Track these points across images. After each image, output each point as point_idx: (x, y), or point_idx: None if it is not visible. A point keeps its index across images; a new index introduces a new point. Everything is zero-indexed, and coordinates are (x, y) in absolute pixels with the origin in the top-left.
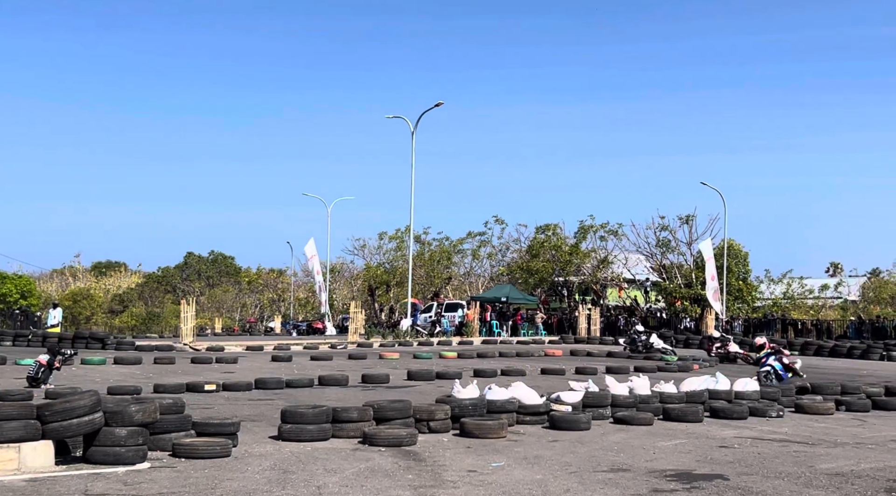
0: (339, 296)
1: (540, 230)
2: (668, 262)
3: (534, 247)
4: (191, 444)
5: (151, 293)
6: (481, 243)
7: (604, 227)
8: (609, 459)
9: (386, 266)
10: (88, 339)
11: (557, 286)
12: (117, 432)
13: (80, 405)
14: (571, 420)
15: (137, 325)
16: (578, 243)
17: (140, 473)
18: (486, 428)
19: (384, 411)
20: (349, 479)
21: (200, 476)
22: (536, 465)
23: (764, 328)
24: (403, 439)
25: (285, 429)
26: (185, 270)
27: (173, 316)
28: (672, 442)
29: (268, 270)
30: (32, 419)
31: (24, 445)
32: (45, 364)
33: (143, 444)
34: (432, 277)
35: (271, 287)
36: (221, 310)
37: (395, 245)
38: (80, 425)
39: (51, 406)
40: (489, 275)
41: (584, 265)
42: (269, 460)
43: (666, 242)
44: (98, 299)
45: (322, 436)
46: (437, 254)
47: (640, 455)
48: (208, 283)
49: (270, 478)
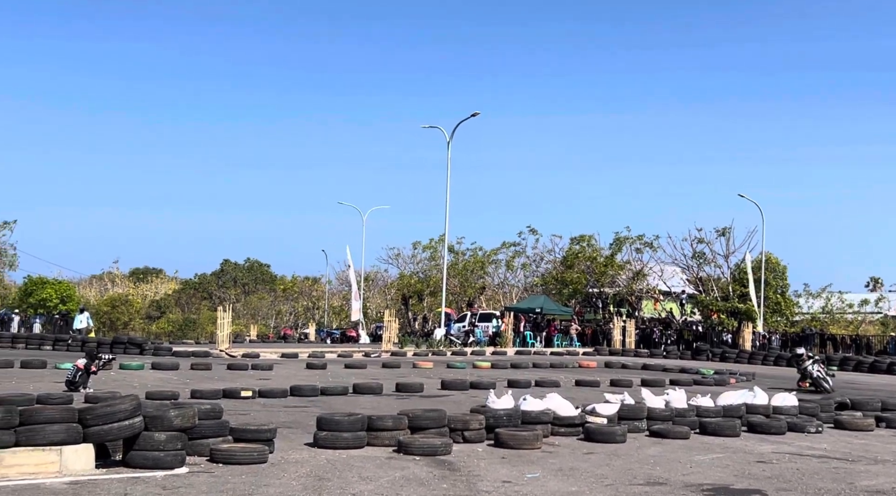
0: (373, 304)
1: (575, 241)
2: (705, 275)
3: (568, 257)
4: (228, 450)
5: (188, 299)
6: (515, 253)
7: (640, 238)
8: (645, 472)
9: (420, 275)
10: (127, 345)
11: (592, 297)
12: (156, 437)
13: (121, 409)
14: (607, 432)
15: (174, 331)
16: (614, 254)
17: (178, 478)
18: (521, 438)
19: (419, 420)
20: (384, 488)
21: (238, 482)
22: (571, 477)
23: (802, 342)
24: (438, 448)
25: (321, 437)
26: (222, 277)
27: (209, 322)
28: (709, 456)
29: (303, 278)
30: (74, 422)
31: (65, 448)
32: (83, 368)
33: (182, 449)
34: (466, 287)
35: (306, 295)
36: (257, 318)
37: (429, 254)
38: (121, 429)
39: (92, 410)
40: (523, 285)
41: (620, 276)
42: (305, 467)
43: (702, 254)
44: (136, 305)
45: (357, 443)
46: (470, 263)
47: (677, 469)
48: (244, 290)
49: (306, 484)
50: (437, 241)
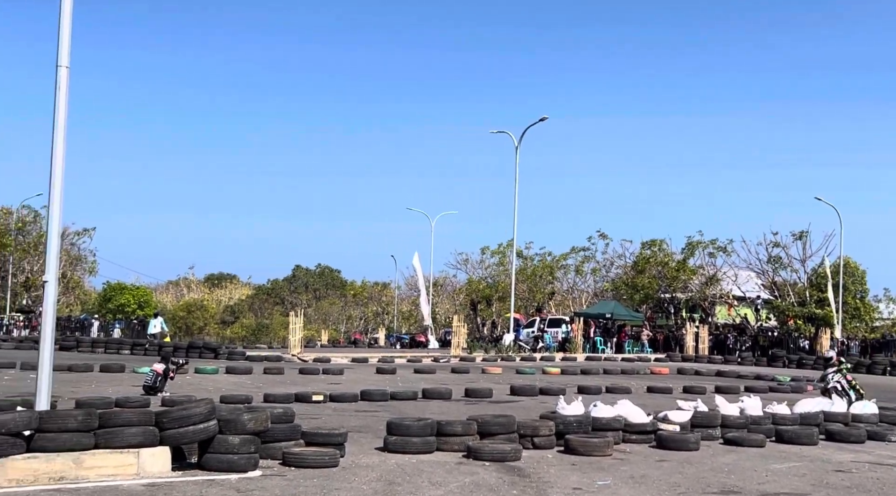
0: (442, 310)
1: (646, 246)
2: (781, 280)
3: (639, 262)
4: (300, 454)
5: (261, 305)
6: (585, 258)
7: (713, 243)
8: (719, 481)
9: (488, 280)
10: (202, 349)
11: (664, 303)
12: (230, 440)
13: (196, 413)
14: (679, 440)
15: (247, 336)
16: (686, 259)
17: (252, 481)
18: (592, 445)
19: (488, 426)
20: (454, 493)
21: (310, 485)
22: (643, 485)
23: (882, 349)
24: (507, 454)
25: (391, 441)
26: (294, 283)
27: (282, 327)
28: (785, 464)
29: (372, 283)
30: (151, 425)
31: (143, 451)
32: (161, 372)
33: (255, 452)
34: (535, 292)
35: (375, 300)
36: (328, 322)
37: (497, 259)
38: (196, 432)
39: (168, 413)
40: (593, 290)
41: (692, 281)
42: (376, 471)
43: (778, 259)
44: (210, 310)
45: (427, 448)
46: (539, 268)
47: (752, 477)
48: (315, 296)
49: (377, 489)
50: (505, 245)
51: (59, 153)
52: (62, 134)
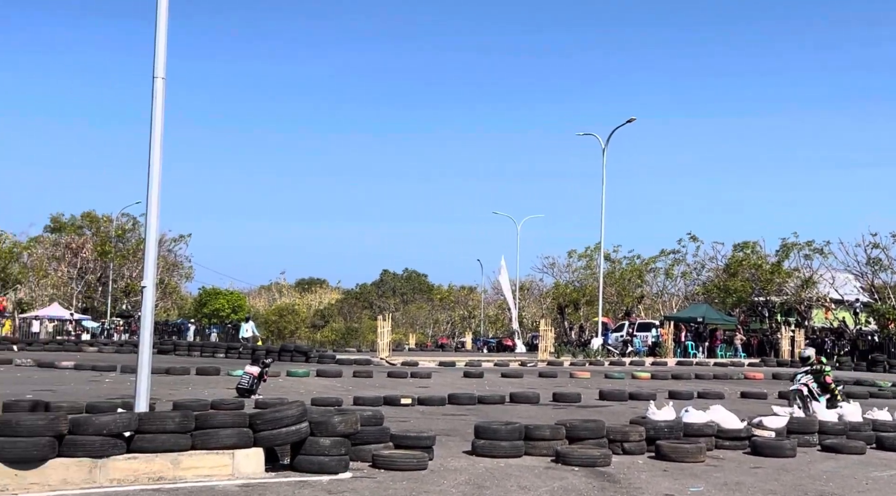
0: (529, 313)
1: (738, 248)
2: (881, 282)
3: (732, 265)
4: (389, 456)
5: (350, 309)
6: (675, 261)
7: (809, 244)
8: (817, 489)
9: (576, 284)
10: (293, 353)
11: (757, 306)
12: (322, 442)
13: (289, 415)
14: (775, 446)
15: (337, 340)
16: (780, 261)
17: (343, 482)
18: (684, 451)
19: (577, 430)
20: None
21: (399, 488)
22: (738, 492)
23: None
24: (597, 459)
25: (479, 445)
26: (381, 287)
27: (370, 331)
28: (887, 472)
29: (459, 287)
30: (245, 427)
31: (237, 452)
32: (255, 375)
33: (346, 454)
34: (623, 296)
35: (462, 304)
36: (415, 326)
37: (584, 263)
38: (288, 434)
39: (261, 415)
40: (683, 294)
41: (787, 284)
42: (464, 475)
43: (878, 261)
44: (301, 314)
45: (515, 452)
46: (627, 272)
47: (851, 485)
48: (403, 300)
49: (465, 492)
50: (592, 249)
51: (155, 162)
52: (158, 143)
